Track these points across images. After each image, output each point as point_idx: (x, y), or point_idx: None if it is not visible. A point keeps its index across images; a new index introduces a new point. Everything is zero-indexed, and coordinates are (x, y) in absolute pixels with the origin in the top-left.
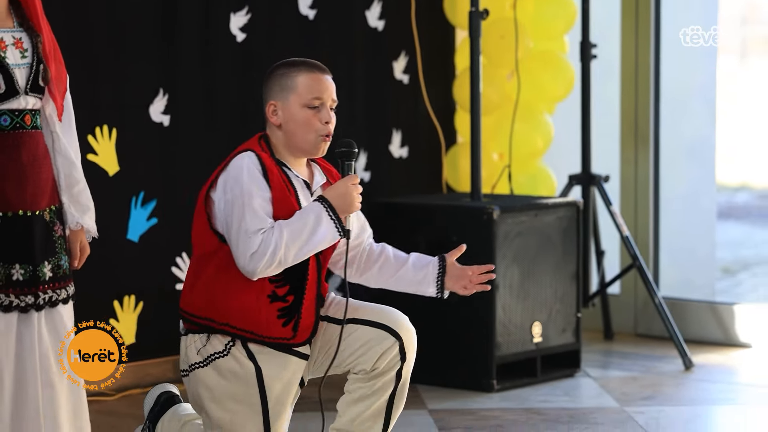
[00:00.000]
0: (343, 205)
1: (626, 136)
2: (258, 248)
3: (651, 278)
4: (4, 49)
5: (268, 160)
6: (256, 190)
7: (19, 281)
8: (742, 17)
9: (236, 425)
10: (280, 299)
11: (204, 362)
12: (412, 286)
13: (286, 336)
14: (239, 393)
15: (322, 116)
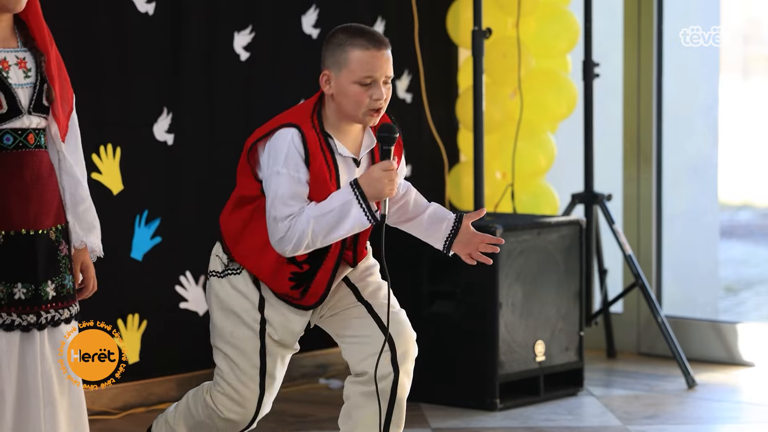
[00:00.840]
0: (373, 191)
1: (629, 154)
2: (285, 234)
3: (654, 297)
4: (7, 69)
5: (313, 139)
6: (295, 174)
7: (21, 300)
8: (744, 36)
9: (235, 338)
10: (295, 264)
11: (222, 273)
12: (423, 235)
13: (294, 296)
14: (243, 310)
15: (373, 93)
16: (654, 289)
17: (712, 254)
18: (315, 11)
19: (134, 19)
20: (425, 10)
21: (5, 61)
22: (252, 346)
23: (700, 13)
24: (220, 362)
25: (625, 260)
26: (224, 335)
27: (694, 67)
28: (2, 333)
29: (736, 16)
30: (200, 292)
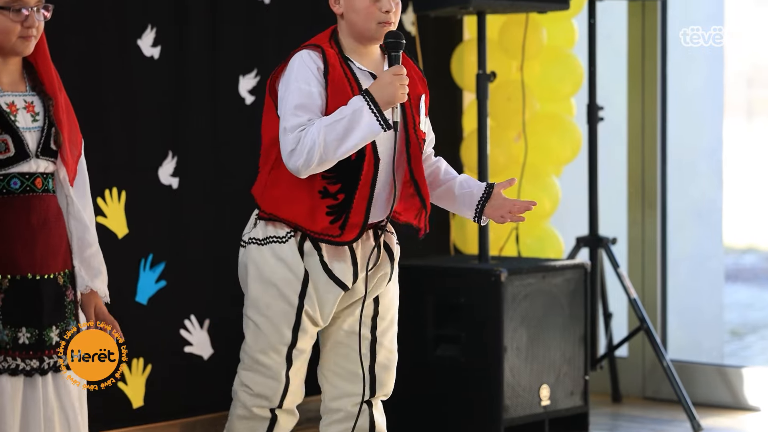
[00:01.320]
0: (384, 96)
1: (633, 198)
2: (296, 146)
3: (659, 341)
4: (15, 112)
5: (333, 56)
6: (304, 85)
7: (25, 345)
8: (748, 79)
9: (271, 310)
10: (330, 196)
11: (263, 241)
12: (454, 203)
13: (334, 234)
14: (285, 283)
15: (382, 5)
16: (659, 332)
17: (717, 298)
18: None
19: (140, 62)
20: (429, 54)
21: (13, 105)
22: (287, 322)
23: (704, 58)
24: (248, 333)
25: (630, 304)
26: (259, 306)
27: (698, 111)
28: (7, 378)
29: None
30: (205, 336)
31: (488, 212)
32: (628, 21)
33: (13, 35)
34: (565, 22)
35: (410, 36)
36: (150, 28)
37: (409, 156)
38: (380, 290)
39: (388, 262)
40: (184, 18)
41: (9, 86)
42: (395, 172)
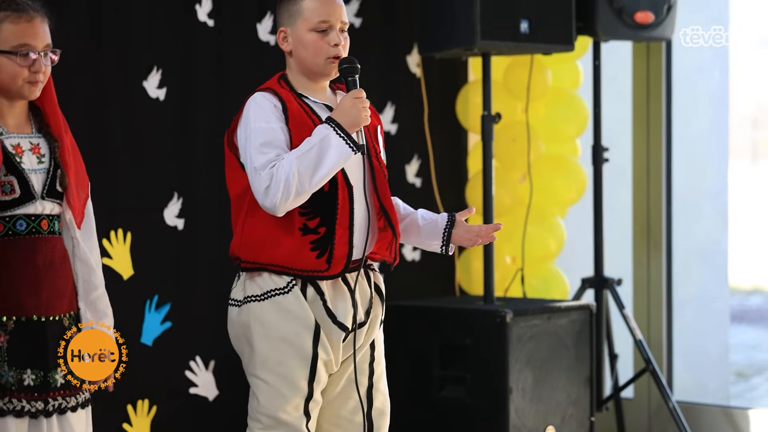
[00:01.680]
0: (348, 120)
1: (639, 239)
2: (271, 182)
3: (665, 382)
4: (21, 154)
5: (286, 94)
6: (264, 124)
7: (30, 387)
8: (753, 120)
9: (284, 366)
10: (311, 231)
11: (262, 296)
12: (419, 236)
13: (322, 268)
14: (294, 335)
15: (330, 39)
16: (665, 374)
17: (722, 339)
18: None
19: (145, 104)
20: (435, 95)
21: (19, 147)
22: (303, 375)
23: (709, 100)
24: (260, 393)
25: (635, 345)
26: (270, 365)
27: (703, 152)
28: (12, 419)
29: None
30: (210, 378)
31: (455, 239)
32: (632, 62)
33: (20, 79)
34: (570, 64)
35: (415, 77)
36: (156, 69)
37: (375, 184)
38: (374, 334)
39: (380, 304)
40: (189, 59)
41: (15, 128)
42: (368, 202)
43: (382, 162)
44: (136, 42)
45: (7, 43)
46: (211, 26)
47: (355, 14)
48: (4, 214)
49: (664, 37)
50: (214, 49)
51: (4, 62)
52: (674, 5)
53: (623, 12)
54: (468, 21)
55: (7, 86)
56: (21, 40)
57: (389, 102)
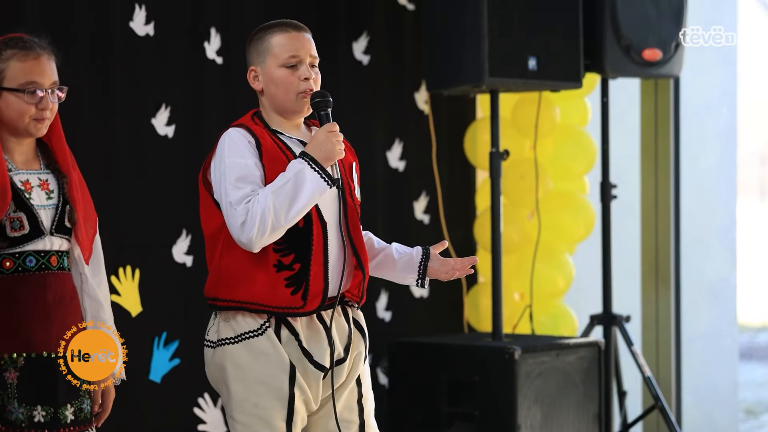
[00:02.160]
0: (323, 153)
1: (647, 276)
2: (246, 218)
3: (674, 419)
4: (30, 190)
5: (260, 130)
6: (238, 159)
7: (41, 423)
8: (761, 157)
9: (260, 408)
10: (286, 268)
11: (235, 339)
12: (393, 271)
13: (297, 305)
14: (269, 376)
15: (300, 73)
16: (674, 411)
17: (731, 376)
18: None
19: (154, 142)
20: (443, 132)
21: (28, 183)
22: (280, 415)
23: (716, 137)
24: None
25: (644, 382)
26: (245, 407)
27: (712, 189)
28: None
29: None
30: (219, 414)
31: (431, 273)
32: (640, 99)
33: (27, 117)
34: (578, 101)
35: (423, 114)
36: (164, 107)
37: (347, 222)
38: (359, 370)
39: (362, 340)
40: (198, 97)
41: (23, 165)
42: (343, 239)
43: (356, 199)
44: (144, 79)
45: (15, 80)
46: (220, 64)
47: (363, 51)
48: (14, 250)
49: (672, 75)
50: (222, 86)
51: (11, 100)
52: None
53: (631, 49)
54: (476, 58)
55: (15, 123)
56: (28, 78)
57: (397, 139)
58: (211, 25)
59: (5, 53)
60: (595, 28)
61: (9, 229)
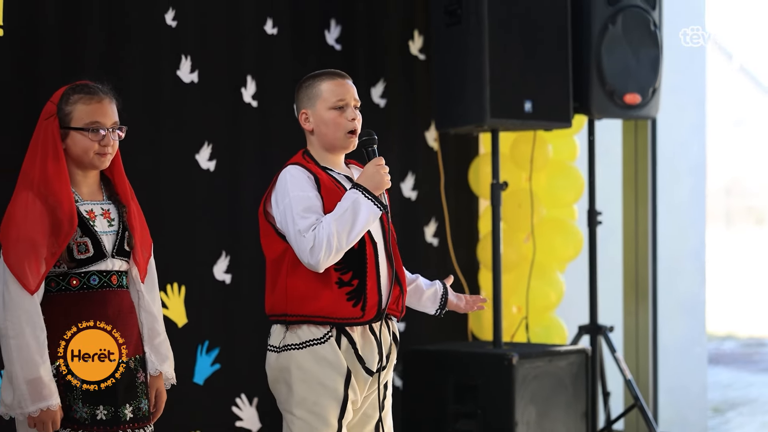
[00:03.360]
0: (374, 184)
1: (628, 291)
2: (314, 243)
3: (651, 416)
4: (93, 218)
5: (314, 167)
6: (301, 192)
7: (102, 420)
8: (726, 189)
9: (319, 406)
10: (346, 284)
11: (301, 345)
12: (419, 301)
13: (356, 315)
14: (329, 379)
15: (347, 115)
16: (651, 409)
17: (701, 379)
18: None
19: (198, 174)
20: (450, 166)
21: (92, 212)
22: (334, 413)
23: (689, 171)
24: (295, 428)
25: (625, 384)
26: (306, 404)
27: (684, 217)
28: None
29: (720, 173)
30: (254, 412)
31: (450, 305)
32: (622, 138)
33: (91, 152)
34: (567, 139)
35: (432, 150)
36: (207, 144)
37: (389, 243)
38: (388, 376)
39: (395, 350)
40: (236, 135)
41: (88, 196)
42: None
43: (391, 225)
44: (189, 120)
45: (81, 121)
46: (255, 106)
47: (380, 96)
48: (80, 270)
49: (650, 116)
50: (257, 126)
51: (77, 138)
52: (659, 88)
53: (614, 94)
54: (479, 101)
55: (81, 158)
56: (92, 119)
57: (410, 171)
58: (247, 73)
59: (72, 97)
60: (582, 75)
61: (76, 251)
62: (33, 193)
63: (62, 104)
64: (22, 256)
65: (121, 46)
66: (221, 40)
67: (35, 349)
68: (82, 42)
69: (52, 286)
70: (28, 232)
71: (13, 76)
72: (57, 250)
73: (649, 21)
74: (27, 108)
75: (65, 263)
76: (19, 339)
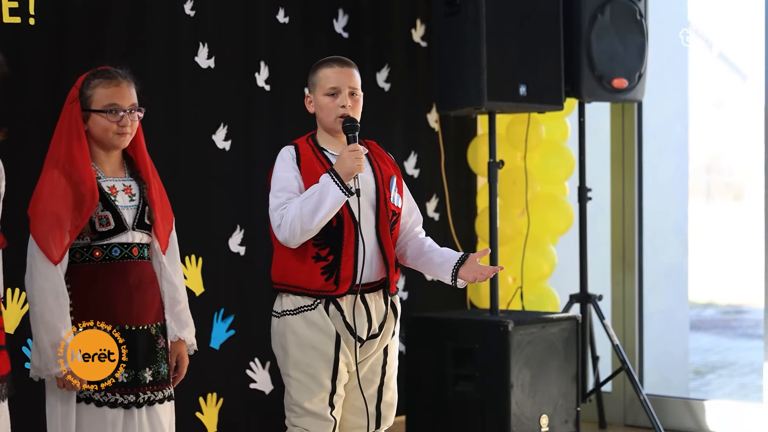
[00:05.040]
0: (344, 169)
1: (616, 262)
2: (281, 222)
3: (637, 378)
4: (115, 194)
5: (306, 148)
6: (282, 173)
7: (123, 383)
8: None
9: (312, 368)
10: (322, 259)
11: (295, 311)
12: (434, 268)
13: (330, 289)
14: (320, 342)
15: (339, 101)
16: (637, 372)
17: (683, 344)
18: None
19: (214, 153)
20: (450, 146)
21: (114, 188)
22: (327, 374)
23: (672, 150)
24: (292, 389)
25: (613, 349)
26: (300, 366)
27: (668, 193)
28: (108, 409)
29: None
30: (267, 375)
31: (462, 274)
32: (611, 119)
33: (110, 132)
34: (559, 120)
35: (434, 131)
36: (222, 125)
37: (378, 223)
38: (386, 342)
39: (393, 319)
40: (249, 118)
41: (111, 173)
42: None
43: (390, 205)
44: (206, 103)
45: (100, 103)
46: (267, 90)
47: (385, 80)
48: (102, 242)
49: (636, 99)
50: (269, 109)
51: (98, 119)
52: (644, 73)
53: (603, 79)
54: (477, 85)
55: (101, 138)
56: (110, 101)
57: (413, 151)
58: (260, 59)
59: (93, 82)
60: (573, 61)
61: (98, 224)
62: (58, 170)
63: (84, 89)
64: (47, 229)
65: (143, 34)
66: (236, 28)
67: (57, 315)
68: (106, 31)
69: (76, 257)
70: (53, 206)
71: (42, 62)
72: (80, 223)
73: (635, 11)
74: (55, 93)
75: (88, 235)
76: (42, 306)
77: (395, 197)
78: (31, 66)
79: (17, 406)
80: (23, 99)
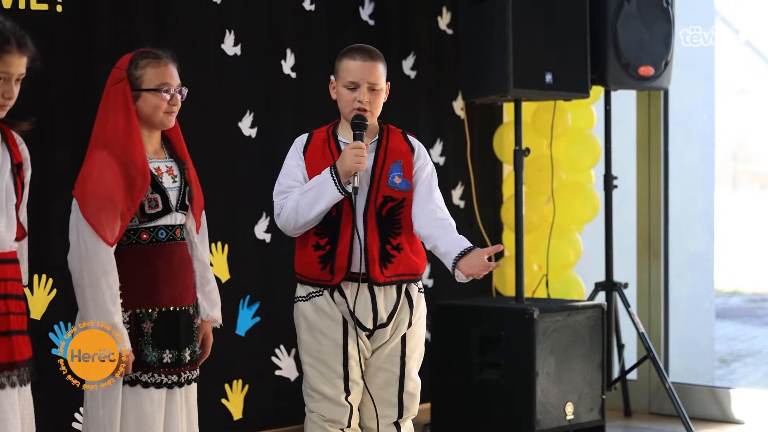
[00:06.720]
0: (344, 167)
1: (641, 250)
2: (281, 212)
3: (662, 366)
4: (161, 175)
5: (320, 137)
6: (290, 161)
7: (168, 363)
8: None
9: (322, 353)
10: (320, 248)
11: (306, 297)
12: (443, 249)
13: (326, 278)
14: (328, 328)
15: (356, 95)
16: (662, 360)
17: (709, 332)
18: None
19: (240, 141)
20: (476, 133)
21: (159, 170)
22: (337, 359)
23: (698, 138)
24: (309, 373)
25: (638, 337)
26: (311, 351)
27: (693, 181)
28: (154, 390)
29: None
30: (292, 362)
31: (461, 267)
32: (636, 107)
33: (161, 111)
34: (585, 108)
35: (460, 119)
36: (249, 113)
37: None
38: (402, 332)
39: (407, 309)
40: (275, 105)
41: (153, 154)
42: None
43: (383, 190)
44: (232, 90)
45: (151, 83)
46: (294, 78)
47: (411, 68)
48: (149, 225)
49: (662, 87)
50: (295, 96)
51: (149, 98)
52: (671, 61)
53: (629, 66)
54: (503, 73)
55: (151, 117)
56: (161, 80)
57: (438, 139)
58: (286, 47)
59: (141, 62)
60: (599, 49)
61: (147, 207)
62: (107, 152)
63: (132, 69)
64: (99, 210)
65: (169, 21)
66: (262, 16)
67: (109, 298)
68: (134, 18)
69: (123, 240)
70: (105, 188)
71: (68, 49)
72: (132, 205)
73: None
74: (83, 81)
75: (137, 217)
76: (94, 288)
77: (395, 180)
78: (57, 53)
79: (42, 391)
80: (50, 86)
